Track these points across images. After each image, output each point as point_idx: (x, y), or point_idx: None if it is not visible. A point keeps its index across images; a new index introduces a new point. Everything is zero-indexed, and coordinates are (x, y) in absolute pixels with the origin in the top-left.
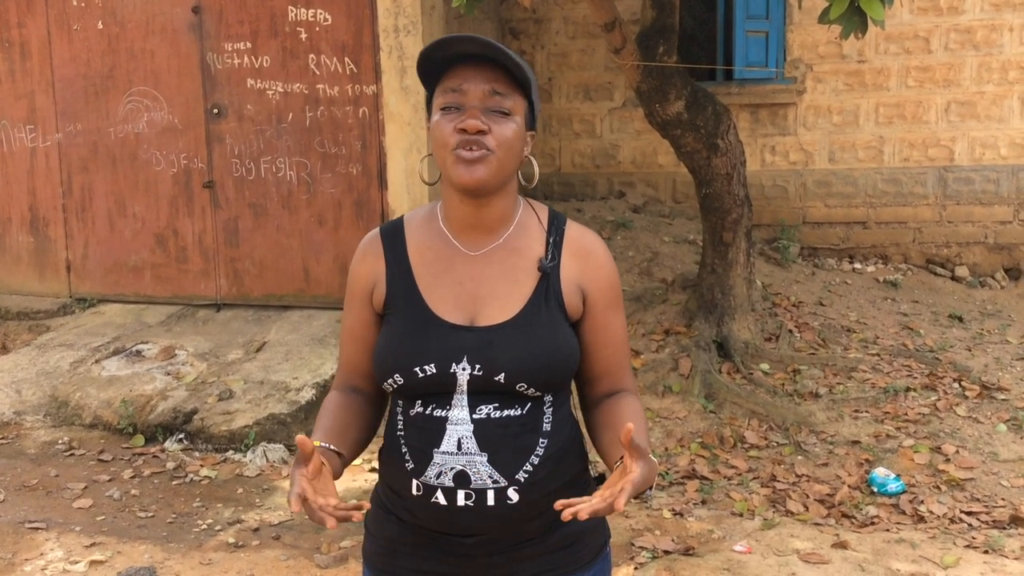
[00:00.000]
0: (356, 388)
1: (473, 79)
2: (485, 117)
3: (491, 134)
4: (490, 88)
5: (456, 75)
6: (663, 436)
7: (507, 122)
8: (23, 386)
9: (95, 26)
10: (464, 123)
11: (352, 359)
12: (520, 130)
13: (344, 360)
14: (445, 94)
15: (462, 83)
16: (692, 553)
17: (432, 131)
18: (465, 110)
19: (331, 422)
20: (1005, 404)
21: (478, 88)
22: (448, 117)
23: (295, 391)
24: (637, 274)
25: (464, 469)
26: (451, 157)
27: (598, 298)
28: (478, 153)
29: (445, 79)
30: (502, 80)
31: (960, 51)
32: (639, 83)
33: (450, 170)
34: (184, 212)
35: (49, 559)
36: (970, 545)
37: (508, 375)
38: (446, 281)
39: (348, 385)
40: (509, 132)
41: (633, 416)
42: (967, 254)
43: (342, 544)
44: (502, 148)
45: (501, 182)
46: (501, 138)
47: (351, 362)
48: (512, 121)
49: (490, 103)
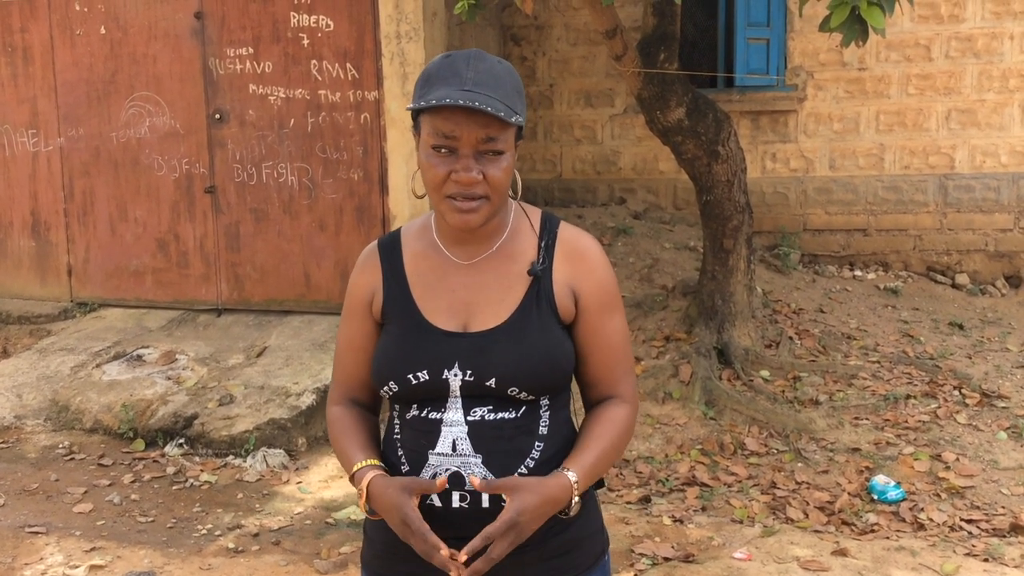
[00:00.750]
0: (356, 400)
1: (467, 126)
2: (477, 161)
3: (485, 180)
4: (484, 135)
5: (449, 118)
6: (663, 442)
7: (499, 162)
8: (24, 390)
9: (98, 31)
10: (459, 176)
11: (352, 372)
12: (512, 161)
13: (342, 372)
14: (437, 135)
15: (455, 129)
16: (692, 560)
17: (423, 167)
18: (458, 155)
19: (363, 439)
20: (1005, 412)
21: (472, 135)
22: (441, 159)
23: (295, 396)
24: (638, 280)
25: (459, 470)
26: (445, 203)
27: (590, 300)
28: (473, 205)
29: (437, 117)
30: (495, 124)
31: (961, 59)
32: (640, 90)
33: (444, 213)
34: (185, 217)
35: (49, 563)
36: (970, 553)
37: (499, 380)
38: (440, 290)
39: (348, 398)
40: (501, 172)
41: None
42: (967, 262)
43: (341, 550)
44: (496, 192)
45: (494, 216)
46: (495, 182)
47: (351, 375)
48: (504, 159)
49: (482, 147)
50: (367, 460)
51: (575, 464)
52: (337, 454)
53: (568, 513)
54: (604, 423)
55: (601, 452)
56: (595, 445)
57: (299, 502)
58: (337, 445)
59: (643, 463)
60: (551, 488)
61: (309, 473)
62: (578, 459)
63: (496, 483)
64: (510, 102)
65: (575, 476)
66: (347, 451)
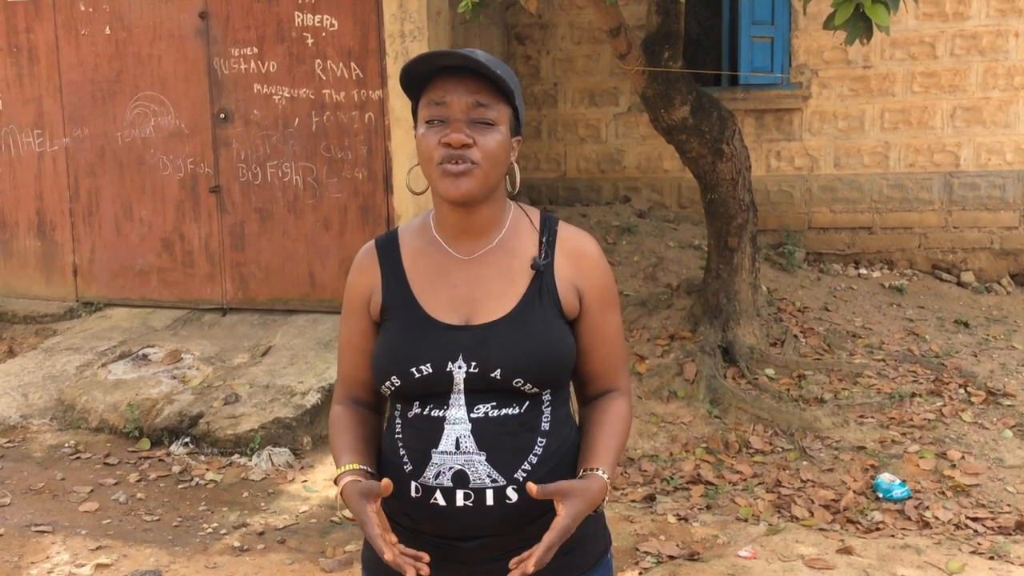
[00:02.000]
0: (358, 399)
1: (456, 91)
2: (469, 129)
3: (476, 146)
4: (473, 100)
5: (439, 87)
6: (668, 441)
7: (492, 132)
8: (30, 390)
9: (102, 31)
10: (448, 137)
11: (351, 371)
12: (505, 139)
13: (343, 372)
14: (429, 107)
15: (445, 95)
16: (697, 558)
17: (418, 144)
18: (449, 123)
19: (353, 440)
20: (1011, 410)
21: (461, 100)
22: (433, 130)
23: (300, 395)
24: (642, 279)
25: (463, 468)
26: (437, 171)
27: (593, 297)
28: (463, 167)
29: (428, 91)
30: (485, 91)
31: (966, 56)
32: (644, 88)
33: (437, 183)
34: (190, 216)
35: (55, 562)
36: (976, 551)
37: (504, 371)
38: (441, 285)
39: (350, 397)
40: (493, 143)
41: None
42: (973, 260)
43: (347, 548)
44: (487, 160)
45: (488, 192)
46: (486, 149)
47: (351, 373)
48: (497, 131)
49: (474, 114)
50: (348, 465)
51: (602, 463)
52: (332, 452)
53: (599, 511)
54: (614, 418)
55: (618, 447)
56: (612, 442)
57: (304, 501)
58: (332, 444)
59: (648, 461)
60: (594, 493)
61: (314, 472)
62: (603, 457)
63: (551, 489)
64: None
65: (607, 475)
66: (336, 453)
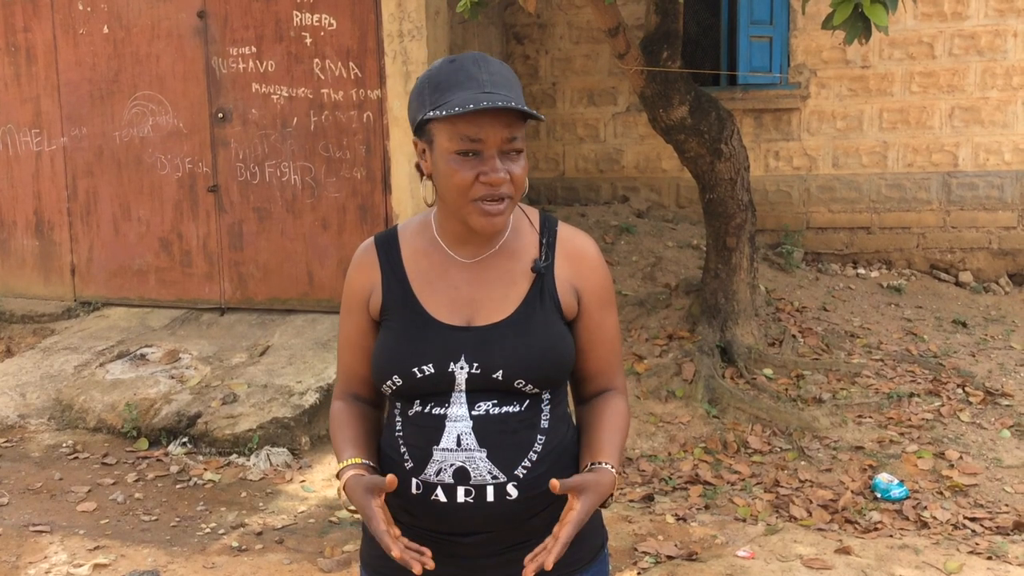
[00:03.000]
0: (358, 396)
1: (492, 128)
2: (501, 161)
3: (510, 180)
4: (509, 134)
5: (474, 123)
6: (666, 441)
7: (520, 159)
8: (27, 389)
9: (100, 31)
10: (489, 178)
11: (351, 368)
12: (527, 159)
13: (343, 369)
14: (461, 139)
15: (480, 132)
16: (695, 558)
17: (447, 175)
18: (483, 158)
19: (355, 435)
20: (1009, 410)
21: (498, 136)
22: (467, 164)
23: (299, 395)
24: (641, 279)
25: (464, 465)
26: (472, 207)
27: (592, 299)
28: (501, 207)
29: (460, 122)
30: (517, 124)
31: (964, 56)
32: (643, 88)
33: (469, 216)
34: (189, 216)
35: (53, 562)
36: (974, 551)
37: (506, 372)
38: (441, 287)
39: (349, 393)
40: (522, 171)
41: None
42: (971, 259)
43: (345, 548)
44: (518, 190)
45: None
46: (518, 180)
47: (350, 371)
48: (523, 157)
49: (505, 147)
50: (350, 459)
51: (609, 457)
52: (333, 448)
53: (607, 505)
54: (615, 415)
55: (622, 443)
56: (617, 438)
57: (303, 501)
58: (333, 440)
59: (646, 461)
60: (605, 486)
61: (312, 472)
62: (609, 451)
63: (571, 483)
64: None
65: (615, 469)
66: (337, 448)
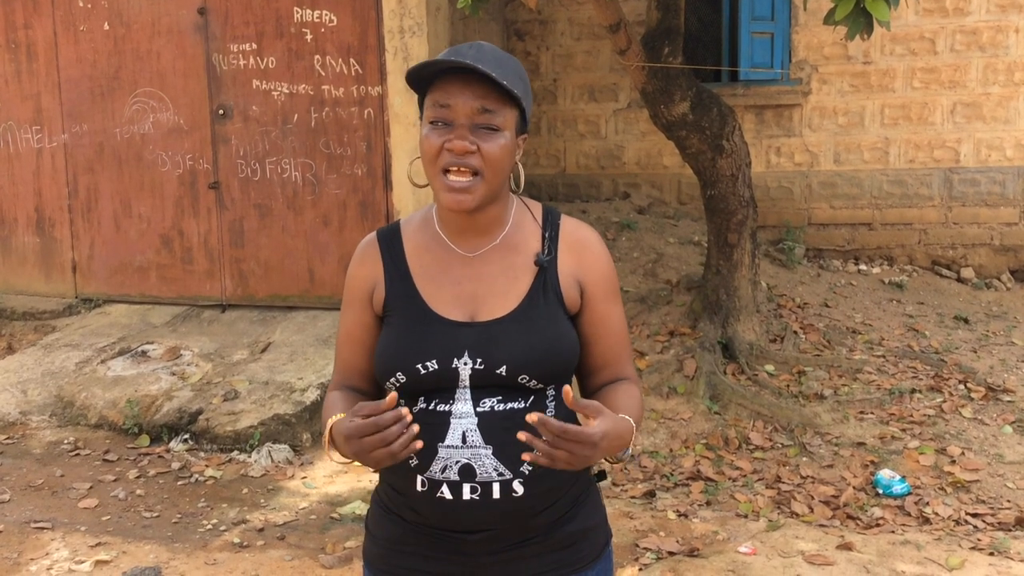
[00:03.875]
0: (356, 388)
1: (461, 95)
2: (473, 134)
3: (479, 153)
4: (479, 105)
5: (444, 88)
6: (668, 437)
7: (496, 138)
8: (29, 386)
9: (101, 27)
10: (452, 144)
11: (350, 361)
12: (509, 143)
13: (341, 363)
14: (434, 107)
15: (449, 98)
16: (697, 554)
17: (421, 143)
18: (453, 127)
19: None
20: (1011, 406)
21: (467, 105)
22: (436, 132)
23: (300, 392)
24: (642, 275)
25: (469, 462)
26: (439, 180)
27: (595, 290)
28: (466, 182)
29: (434, 90)
30: (492, 96)
31: (966, 52)
32: (644, 84)
33: (438, 193)
34: (189, 213)
35: (54, 559)
36: (975, 547)
37: (509, 367)
38: (444, 282)
39: (347, 385)
40: (497, 148)
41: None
42: (973, 256)
43: (347, 544)
44: (490, 168)
45: (490, 198)
46: (489, 157)
47: (349, 364)
48: (501, 136)
49: (479, 119)
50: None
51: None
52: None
53: (622, 458)
54: (627, 394)
55: (638, 411)
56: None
57: (304, 497)
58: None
59: (648, 457)
60: (624, 425)
61: (314, 468)
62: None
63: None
64: (509, 81)
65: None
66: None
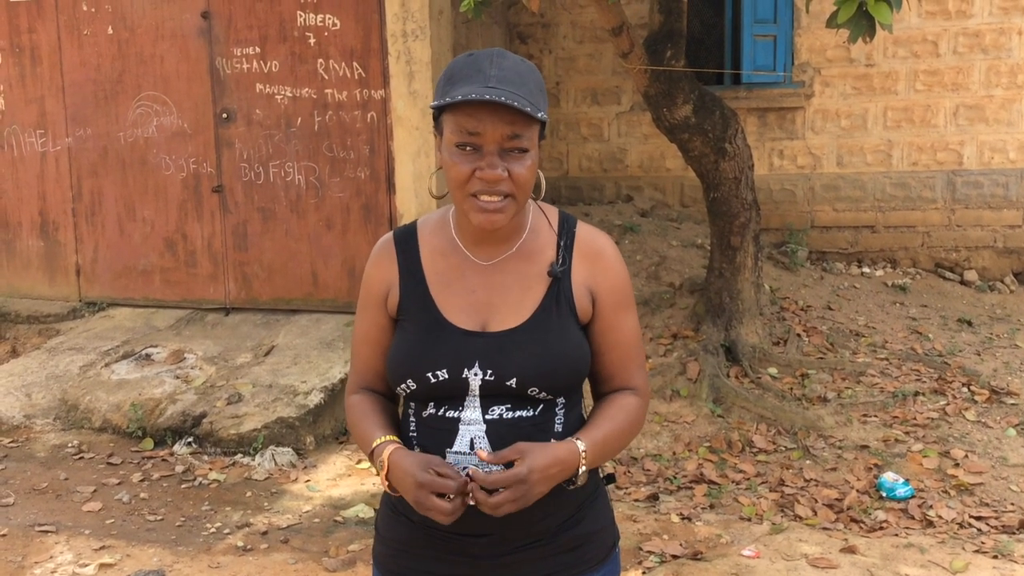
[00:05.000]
0: (374, 390)
1: (491, 122)
2: (502, 159)
3: (510, 178)
4: (509, 132)
5: (472, 114)
6: (671, 440)
7: (524, 160)
8: (33, 390)
9: (105, 31)
10: (484, 173)
11: (368, 363)
12: (535, 161)
13: (359, 364)
14: (460, 132)
15: (479, 125)
16: (700, 557)
17: (447, 167)
18: (483, 153)
19: (382, 421)
20: (1014, 408)
21: (496, 131)
22: (465, 158)
23: (303, 395)
24: (645, 278)
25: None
26: (469, 202)
27: (607, 300)
28: (499, 203)
29: (459, 113)
30: (520, 121)
31: (969, 55)
32: (647, 87)
33: (468, 213)
34: (193, 216)
35: (58, 562)
36: (979, 550)
37: (519, 380)
38: (458, 289)
39: (366, 387)
40: (526, 170)
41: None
42: (976, 258)
43: (350, 548)
44: (520, 189)
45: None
46: (519, 180)
47: (367, 365)
48: (528, 157)
49: (508, 144)
50: (386, 436)
51: (584, 436)
52: (356, 437)
53: (575, 483)
54: (616, 407)
55: (611, 431)
56: (605, 424)
57: (307, 500)
58: (356, 429)
59: (651, 461)
60: (559, 451)
61: (317, 471)
62: (588, 432)
63: (503, 453)
64: (533, 99)
65: (583, 445)
66: (366, 431)
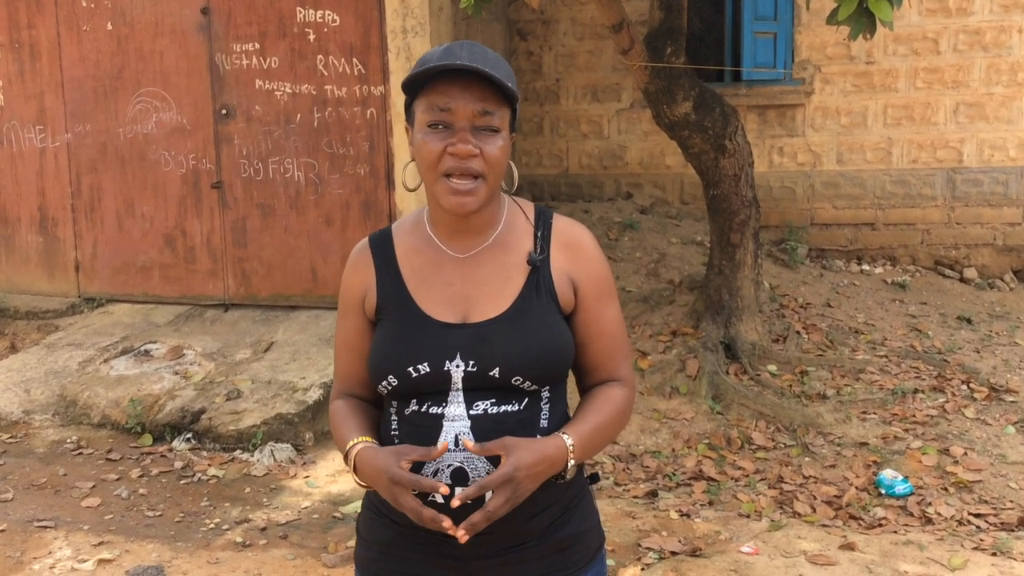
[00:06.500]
0: (357, 395)
1: (462, 98)
2: (474, 137)
3: (481, 156)
4: (480, 107)
5: (443, 92)
6: (670, 437)
7: (496, 139)
8: (32, 385)
9: (104, 27)
10: (456, 148)
11: (350, 369)
12: (507, 143)
13: (340, 370)
14: (432, 111)
15: (450, 102)
16: (699, 554)
17: (418, 148)
18: (455, 130)
19: (360, 424)
20: (1014, 406)
21: (468, 107)
22: (437, 136)
23: (302, 391)
24: (644, 275)
25: (462, 466)
26: (441, 184)
27: (589, 289)
28: (470, 184)
29: (431, 92)
30: (491, 98)
31: (969, 52)
32: (647, 84)
33: (440, 196)
34: (192, 212)
35: (57, 557)
36: (978, 547)
37: (503, 369)
38: (436, 283)
39: (348, 393)
40: (498, 150)
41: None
42: (976, 256)
43: (349, 544)
44: (492, 170)
45: (490, 200)
46: (491, 159)
47: (348, 372)
48: (500, 137)
49: (479, 122)
50: (360, 438)
51: (571, 430)
52: (336, 442)
53: (564, 477)
54: (603, 400)
55: (598, 424)
56: (592, 417)
57: (306, 496)
58: (335, 433)
59: (650, 457)
60: (547, 446)
61: (316, 467)
62: (575, 426)
63: (490, 445)
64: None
65: (571, 440)
66: (343, 435)
